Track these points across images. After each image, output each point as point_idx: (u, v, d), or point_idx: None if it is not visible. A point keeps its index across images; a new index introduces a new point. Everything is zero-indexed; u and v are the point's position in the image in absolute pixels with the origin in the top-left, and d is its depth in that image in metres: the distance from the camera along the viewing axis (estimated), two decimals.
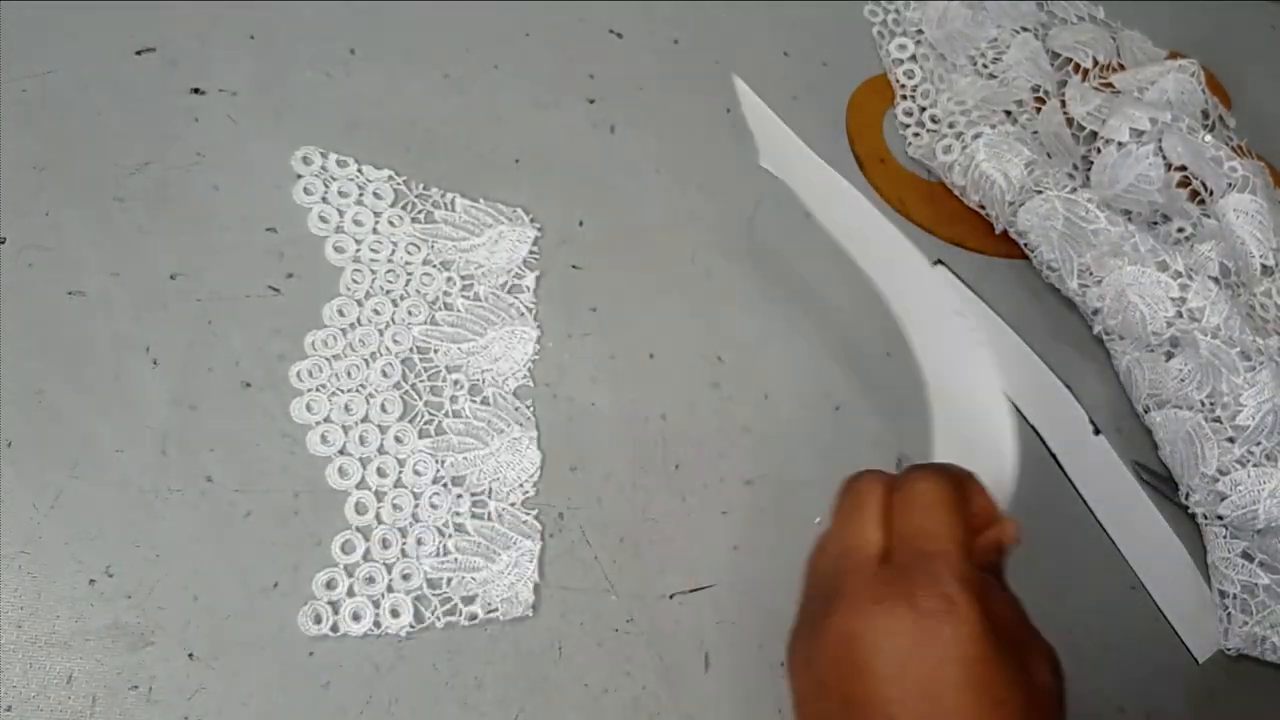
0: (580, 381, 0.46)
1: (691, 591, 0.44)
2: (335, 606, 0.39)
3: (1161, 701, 0.46)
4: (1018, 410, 0.50)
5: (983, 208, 0.55)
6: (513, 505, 0.43)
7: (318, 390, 0.43)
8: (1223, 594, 0.47)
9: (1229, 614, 0.47)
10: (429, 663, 0.40)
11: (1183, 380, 0.51)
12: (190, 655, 0.38)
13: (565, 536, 0.43)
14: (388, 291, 0.46)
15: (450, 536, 0.42)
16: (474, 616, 0.40)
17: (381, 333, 0.45)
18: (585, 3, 0.56)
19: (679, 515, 0.45)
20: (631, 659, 0.42)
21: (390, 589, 0.40)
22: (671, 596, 0.43)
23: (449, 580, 0.41)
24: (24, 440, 0.39)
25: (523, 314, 0.47)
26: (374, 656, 0.39)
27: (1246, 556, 0.47)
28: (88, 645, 0.37)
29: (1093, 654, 0.47)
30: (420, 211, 0.48)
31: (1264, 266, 0.54)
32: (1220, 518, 0.49)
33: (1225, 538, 0.48)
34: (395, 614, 0.40)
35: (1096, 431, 0.49)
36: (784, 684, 0.42)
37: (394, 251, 0.47)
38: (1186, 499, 0.50)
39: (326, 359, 0.44)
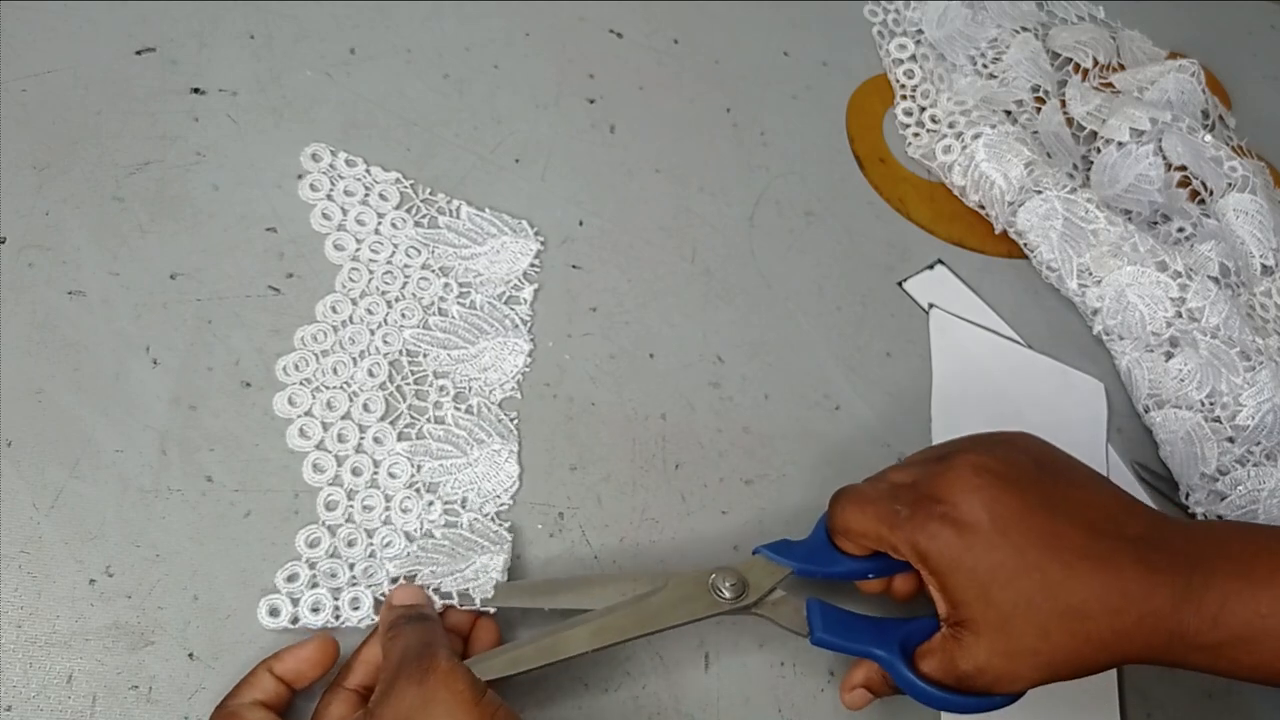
0: (580, 381, 0.46)
1: None
2: (295, 599, 0.39)
3: (1162, 702, 0.46)
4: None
5: (982, 208, 0.55)
6: (485, 516, 0.42)
7: (301, 384, 0.43)
8: None
9: None
10: None
11: (1182, 380, 0.51)
12: (190, 655, 0.38)
13: (565, 536, 0.43)
14: (383, 292, 0.45)
15: (417, 541, 0.41)
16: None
17: (373, 332, 0.45)
18: (585, 3, 0.56)
19: (679, 515, 0.45)
20: (631, 659, 0.42)
21: (353, 582, 0.40)
22: None
23: (412, 575, 0.40)
24: (24, 440, 0.39)
25: (517, 326, 0.46)
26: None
27: None
28: (88, 645, 0.37)
29: None
30: (424, 216, 0.48)
31: (1264, 266, 0.54)
32: (1220, 517, 0.49)
33: None
34: (356, 606, 0.39)
35: None
36: (784, 683, 0.42)
37: (393, 253, 0.46)
38: (1186, 499, 0.50)
39: (314, 354, 0.43)
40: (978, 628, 0.36)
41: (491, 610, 0.40)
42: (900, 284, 0.53)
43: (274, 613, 0.39)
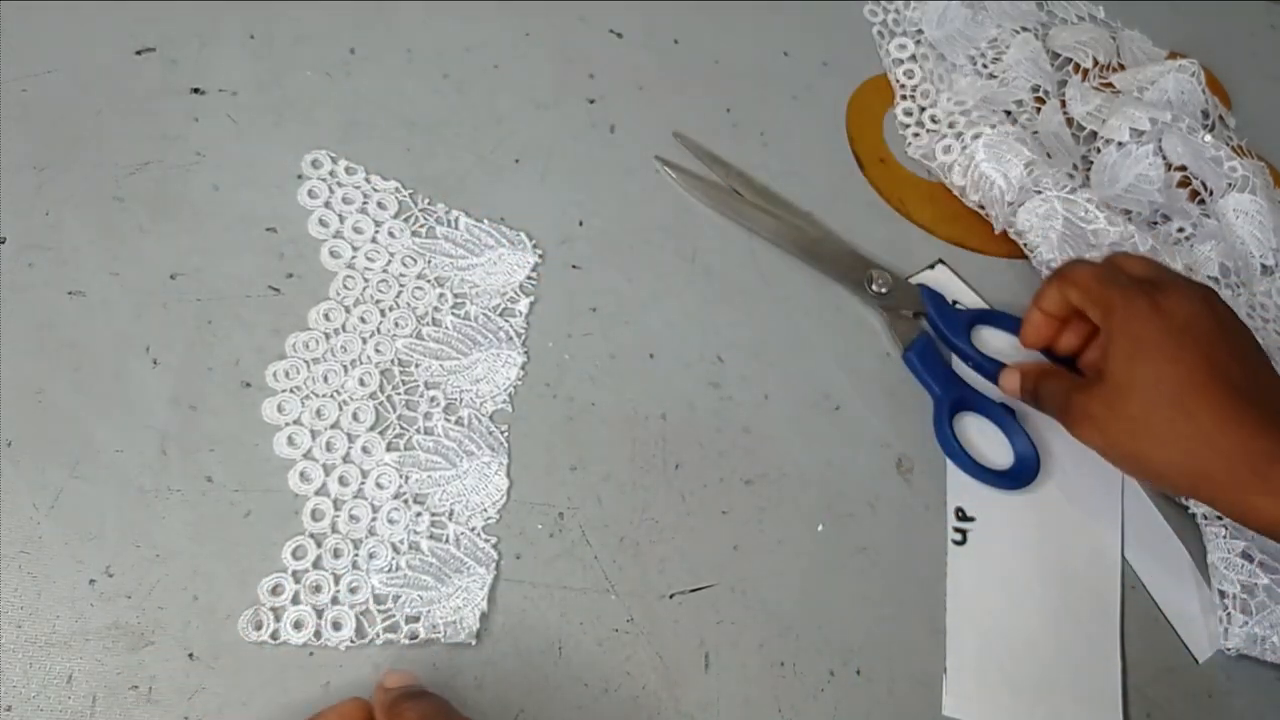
0: (580, 381, 0.46)
1: (691, 591, 0.44)
2: (278, 614, 0.39)
3: (1161, 701, 0.46)
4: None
5: (982, 208, 0.55)
6: (472, 530, 0.42)
7: (291, 392, 0.43)
8: (1222, 594, 0.47)
9: (1229, 614, 0.47)
10: (429, 663, 0.40)
11: None
12: (190, 655, 0.38)
13: (565, 536, 0.43)
14: (377, 301, 0.45)
15: (404, 554, 0.41)
16: (415, 635, 0.40)
17: (365, 341, 0.44)
18: (585, 3, 0.56)
19: (679, 515, 0.45)
20: (631, 659, 0.42)
21: (335, 600, 0.40)
22: (671, 596, 0.43)
23: (396, 597, 0.40)
24: (24, 440, 0.39)
25: (510, 338, 0.46)
26: (374, 656, 0.39)
27: (1246, 556, 0.47)
28: (88, 645, 0.37)
29: None
30: (422, 225, 0.47)
31: (1264, 266, 0.54)
32: (1220, 517, 0.49)
33: (1225, 538, 0.48)
34: (337, 626, 0.39)
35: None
36: (784, 683, 0.42)
37: (389, 262, 0.46)
38: (1186, 499, 0.50)
39: (305, 361, 0.43)
40: (1107, 379, 0.42)
41: (473, 642, 0.40)
42: None
43: (257, 626, 0.39)
